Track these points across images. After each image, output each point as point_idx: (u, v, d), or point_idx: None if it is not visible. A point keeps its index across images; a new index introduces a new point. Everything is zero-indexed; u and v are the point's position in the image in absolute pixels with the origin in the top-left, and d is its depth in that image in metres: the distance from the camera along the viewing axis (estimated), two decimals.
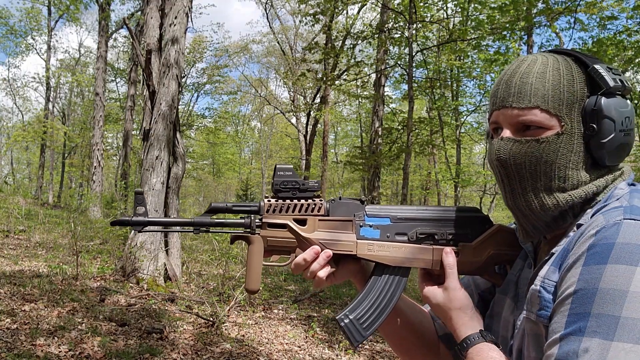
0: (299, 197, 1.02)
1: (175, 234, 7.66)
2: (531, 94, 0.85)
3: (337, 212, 1.03)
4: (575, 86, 0.85)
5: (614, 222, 0.75)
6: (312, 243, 1.01)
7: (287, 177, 1.02)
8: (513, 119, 0.88)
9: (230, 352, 4.76)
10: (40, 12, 25.14)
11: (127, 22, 8.80)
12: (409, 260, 1.01)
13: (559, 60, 0.87)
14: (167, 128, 7.30)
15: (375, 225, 1.02)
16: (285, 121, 31.72)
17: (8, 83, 33.02)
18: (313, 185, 1.03)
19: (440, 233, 1.01)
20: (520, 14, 8.80)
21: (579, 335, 0.71)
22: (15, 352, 3.96)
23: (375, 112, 14.72)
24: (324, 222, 1.02)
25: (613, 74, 0.84)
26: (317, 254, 0.99)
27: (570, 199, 0.85)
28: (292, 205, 1.02)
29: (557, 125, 0.85)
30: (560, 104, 0.85)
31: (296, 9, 18.93)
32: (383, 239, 1.02)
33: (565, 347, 0.72)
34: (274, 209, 1.02)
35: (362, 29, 14.26)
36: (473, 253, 1.01)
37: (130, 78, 17.25)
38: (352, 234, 1.02)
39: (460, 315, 0.94)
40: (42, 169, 25.48)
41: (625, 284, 0.70)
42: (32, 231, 10.90)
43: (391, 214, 1.03)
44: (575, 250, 0.78)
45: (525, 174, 0.87)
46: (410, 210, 1.04)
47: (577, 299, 0.73)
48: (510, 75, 0.89)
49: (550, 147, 0.85)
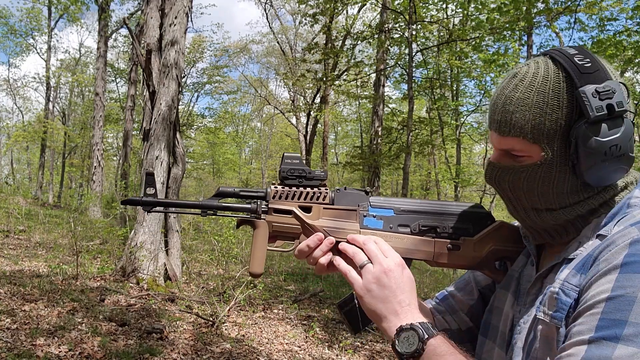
0: (305, 185, 1.04)
1: (175, 234, 7.66)
2: (511, 124, 0.85)
3: (342, 202, 1.04)
4: (561, 112, 0.82)
5: None
6: (316, 230, 1.02)
7: (294, 165, 1.03)
8: (496, 143, 0.91)
9: (230, 352, 4.76)
10: (41, 12, 25.18)
11: (127, 22, 8.80)
12: (410, 251, 1.02)
13: (550, 76, 0.83)
14: (167, 128, 7.31)
15: (379, 216, 1.04)
16: (285, 121, 31.71)
17: (8, 83, 33.04)
18: (319, 174, 1.04)
19: (442, 226, 1.02)
20: (520, 14, 8.80)
21: (614, 341, 0.70)
22: (15, 352, 3.96)
23: (375, 112, 14.72)
24: (329, 211, 1.04)
25: (600, 99, 0.79)
26: (321, 240, 1.00)
27: (559, 216, 0.87)
28: (298, 192, 1.04)
29: (538, 153, 0.85)
30: (541, 134, 0.83)
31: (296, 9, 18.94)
32: (386, 229, 1.03)
33: (596, 351, 0.71)
34: (280, 195, 1.03)
35: (362, 29, 14.27)
36: (474, 247, 1.02)
37: (130, 78, 17.24)
38: (356, 223, 1.03)
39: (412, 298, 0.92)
40: (42, 169, 25.48)
41: None
42: (32, 231, 10.90)
43: (395, 206, 1.04)
44: (608, 257, 0.77)
45: (512, 195, 0.90)
46: (413, 203, 1.05)
47: (612, 305, 0.72)
48: (497, 96, 0.89)
49: (530, 175, 0.86)
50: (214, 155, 31.45)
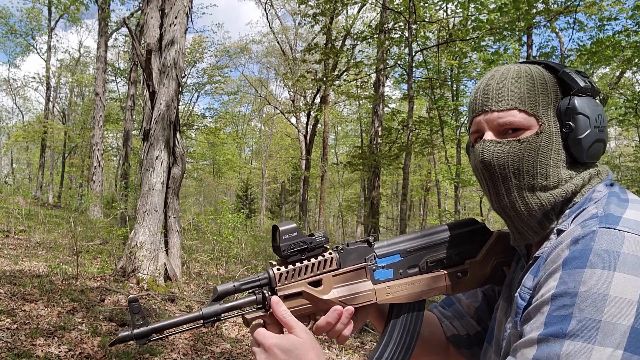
0: (309, 256, 0.96)
1: (175, 234, 7.67)
2: (509, 96, 0.90)
3: (348, 261, 0.98)
4: (549, 89, 0.90)
5: (590, 231, 0.77)
6: (332, 304, 0.95)
7: (293, 239, 0.95)
8: (493, 122, 0.91)
9: (230, 352, 4.77)
10: (41, 12, 25.17)
11: (127, 22, 8.80)
12: (425, 292, 1.00)
13: (530, 67, 0.93)
14: (167, 128, 7.31)
15: (387, 265, 1.00)
16: (285, 121, 31.72)
17: (8, 83, 33.06)
18: (321, 240, 0.96)
19: (448, 256, 1.01)
20: (521, 14, 8.81)
21: (560, 337, 0.71)
22: (15, 352, 3.97)
23: (375, 112, 14.73)
24: (339, 277, 0.97)
25: (582, 76, 0.89)
26: (340, 315, 0.95)
27: (552, 198, 0.88)
28: (304, 267, 0.96)
29: (535, 125, 0.89)
30: (537, 105, 0.89)
31: (296, 9, 18.95)
32: (396, 276, 1.00)
33: (546, 349, 0.72)
34: (285, 276, 0.95)
35: (362, 29, 14.27)
36: (480, 267, 1.02)
37: (130, 78, 17.25)
38: (368, 281, 0.98)
39: None
40: (42, 169, 25.48)
41: (605, 288, 0.71)
42: (32, 231, 10.90)
43: (400, 249, 1.01)
44: (554, 257, 0.79)
45: (509, 174, 0.90)
46: (416, 241, 1.02)
47: (557, 302, 0.74)
48: (487, 83, 0.94)
49: (531, 146, 0.88)
50: (214, 155, 31.44)
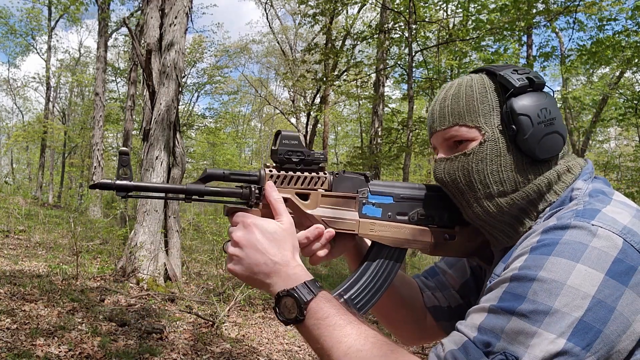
0: (303, 169, 0.95)
1: (175, 234, 7.67)
2: (449, 114, 0.93)
3: (341, 187, 0.98)
4: (489, 96, 0.92)
5: (564, 223, 0.78)
6: (315, 221, 0.96)
7: (292, 147, 0.94)
8: (440, 140, 0.96)
9: (230, 352, 4.77)
10: (41, 12, 25.14)
11: (127, 22, 8.80)
12: (408, 241, 1.00)
13: (473, 78, 0.95)
14: (167, 128, 7.31)
15: (378, 204, 0.99)
16: (285, 121, 31.70)
17: (8, 83, 33.05)
18: (319, 157, 0.96)
19: (439, 215, 1.01)
20: (521, 14, 8.81)
21: (509, 313, 0.73)
22: (15, 352, 3.97)
23: (375, 112, 14.73)
24: (327, 198, 0.97)
25: (519, 74, 0.90)
26: (321, 233, 0.95)
27: (512, 202, 0.89)
28: (295, 177, 0.95)
29: (478, 135, 0.91)
30: (477, 115, 0.91)
31: (296, 9, 18.96)
32: (384, 218, 0.99)
33: (494, 320, 0.74)
34: (275, 180, 0.94)
35: (362, 29, 14.27)
36: (468, 237, 1.01)
37: (130, 78, 17.23)
38: (355, 211, 0.98)
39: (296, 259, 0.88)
40: (42, 169, 25.48)
41: (564, 277, 0.72)
42: (32, 231, 10.90)
43: (394, 192, 1.00)
44: (524, 244, 0.82)
45: (463, 187, 0.93)
46: (412, 190, 1.02)
47: (516, 282, 0.75)
48: (432, 105, 0.99)
49: (478, 157, 0.90)
50: (214, 156, 31.43)
